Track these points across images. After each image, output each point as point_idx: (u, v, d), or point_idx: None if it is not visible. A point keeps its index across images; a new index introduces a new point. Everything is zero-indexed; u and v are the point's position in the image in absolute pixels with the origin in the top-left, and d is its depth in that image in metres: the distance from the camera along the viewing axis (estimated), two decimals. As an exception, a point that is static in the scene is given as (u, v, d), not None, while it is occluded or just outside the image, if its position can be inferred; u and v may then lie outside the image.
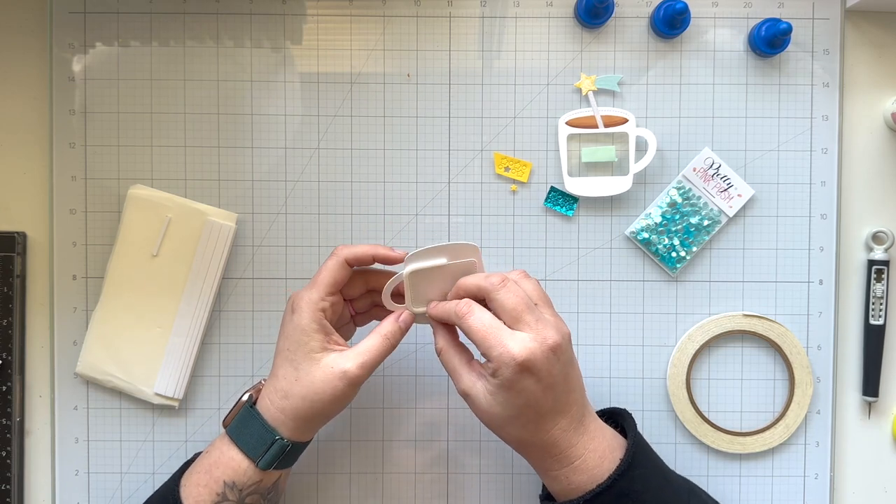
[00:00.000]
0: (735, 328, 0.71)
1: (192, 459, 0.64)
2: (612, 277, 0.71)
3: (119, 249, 0.69)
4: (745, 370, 0.71)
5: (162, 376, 0.69)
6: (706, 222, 0.70)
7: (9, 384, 0.69)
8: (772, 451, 0.71)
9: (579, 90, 0.70)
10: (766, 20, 0.69)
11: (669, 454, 0.71)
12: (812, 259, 0.71)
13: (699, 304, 0.71)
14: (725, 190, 0.70)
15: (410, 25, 0.70)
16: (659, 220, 0.70)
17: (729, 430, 0.71)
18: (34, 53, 0.70)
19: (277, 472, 0.61)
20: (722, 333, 0.71)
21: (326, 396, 0.58)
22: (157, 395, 0.70)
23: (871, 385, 0.71)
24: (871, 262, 0.71)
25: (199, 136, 0.70)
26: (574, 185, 0.70)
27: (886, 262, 0.71)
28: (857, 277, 0.72)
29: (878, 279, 0.71)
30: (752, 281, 0.71)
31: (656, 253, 0.70)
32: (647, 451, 0.62)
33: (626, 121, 0.70)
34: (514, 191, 0.71)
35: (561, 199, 0.71)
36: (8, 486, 0.69)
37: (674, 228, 0.70)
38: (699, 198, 0.70)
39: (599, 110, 0.70)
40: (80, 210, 0.70)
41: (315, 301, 0.60)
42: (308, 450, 0.67)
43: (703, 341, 0.70)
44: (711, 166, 0.70)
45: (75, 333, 0.70)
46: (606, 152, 0.70)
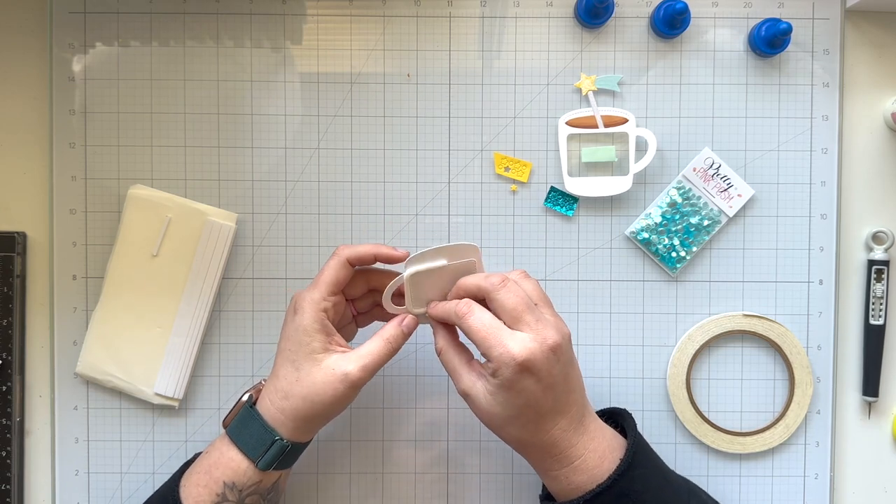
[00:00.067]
0: (735, 328, 0.71)
1: (192, 460, 0.64)
2: (612, 277, 0.71)
3: (119, 249, 0.69)
4: (745, 370, 0.71)
5: (162, 376, 0.69)
6: (706, 222, 0.70)
7: (9, 384, 0.69)
8: (772, 451, 0.71)
9: (579, 90, 0.70)
10: (766, 20, 0.69)
11: (669, 454, 0.71)
12: (812, 259, 0.71)
13: (699, 304, 0.71)
14: (725, 190, 0.70)
15: (410, 25, 0.70)
16: (659, 220, 0.70)
17: (729, 430, 0.71)
18: (34, 53, 0.70)
19: (277, 472, 0.61)
20: (722, 333, 0.71)
21: (327, 398, 0.58)
22: (157, 395, 0.70)
23: (871, 385, 0.71)
24: (871, 262, 0.71)
25: (199, 136, 0.70)
26: (574, 185, 0.70)
27: (886, 262, 0.71)
28: (856, 277, 0.72)
29: (878, 279, 0.71)
30: (752, 281, 0.71)
31: (656, 253, 0.70)
32: (647, 452, 0.62)
33: (626, 121, 0.70)
34: (514, 191, 0.71)
35: (561, 199, 0.71)
36: (8, 486, 0.69)
37: (674, 228, 0.70)
38: (699, 198, 0.70)
39: (599, 110, 0.70)
40: (80, 210, 0.70)
41: (317, 301, 0.59)
42: (308, 450, 0.66)
43: (703, 341, 0.70)
44: (711, 166, 0.70)
45: (75, 333, 0.70)
46: (606, 152, 0.70)
